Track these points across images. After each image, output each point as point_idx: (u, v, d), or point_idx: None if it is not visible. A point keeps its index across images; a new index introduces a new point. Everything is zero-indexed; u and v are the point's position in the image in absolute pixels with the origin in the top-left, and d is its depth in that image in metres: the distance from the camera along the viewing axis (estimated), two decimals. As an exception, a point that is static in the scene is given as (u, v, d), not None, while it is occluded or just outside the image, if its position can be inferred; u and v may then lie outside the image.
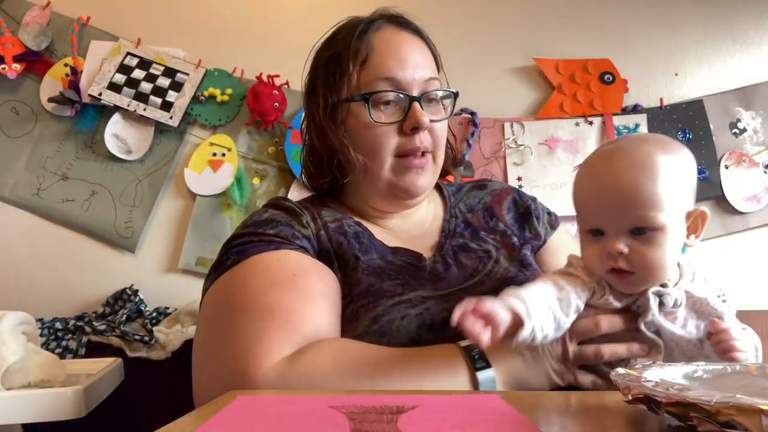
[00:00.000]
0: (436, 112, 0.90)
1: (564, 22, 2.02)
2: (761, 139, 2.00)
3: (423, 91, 0.88)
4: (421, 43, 0.92)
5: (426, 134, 0.88)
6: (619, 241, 0.67)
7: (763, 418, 0.34)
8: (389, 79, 0.87)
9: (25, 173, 1.84)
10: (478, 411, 0.47)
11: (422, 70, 0.88)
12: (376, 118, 0.87)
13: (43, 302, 1.75)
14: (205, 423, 0.43)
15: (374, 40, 0.89)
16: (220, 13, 1.95)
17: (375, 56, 0.88)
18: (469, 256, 0.89)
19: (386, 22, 0.92)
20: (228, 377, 0.67)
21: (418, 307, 0.77)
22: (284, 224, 0.84)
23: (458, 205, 0.99)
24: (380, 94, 0.87)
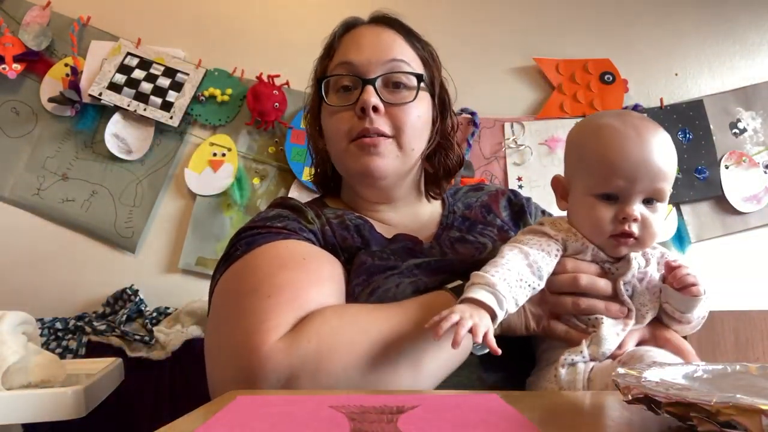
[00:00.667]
0: (399, 96, 0.87)
1: (564, 22, 2.02)
2: (761, 139, 2.00)
3: (385, 72, 0.86)
4: (392, 33, 0.90)
5: (383, 118, 0.85)
6: (636, 208, 0.73)
7: (763, 418, 0.34)
8: (344, 63, 0.87)
9: (25, 173, 1.84)
10: (478, 411, 0.47)
11: (383, 50, 0.87)
12: (333, 102, 0.88)
13: (43, 302, 1.75)
14: (205, 423, 0.43)
15: (345, 36, 0.92)
16: (220, 13, 1.95)
17: (339, 47, 0.91)
18: (465, 246, 0.90)
19: (365, 22, 0.93)
20: (239, 356, 0.67)
21: (411, 277, 0.79)
22: (291, 219, 0.85)
23: (456, 204, 1.01)
24: (334, 78, 0.89)
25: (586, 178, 0.76)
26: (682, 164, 1.97)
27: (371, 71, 0.86)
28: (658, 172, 0.73)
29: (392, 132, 0.86)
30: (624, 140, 0.73)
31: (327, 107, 0.90)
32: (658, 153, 0.73)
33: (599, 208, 0.74)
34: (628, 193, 0.73)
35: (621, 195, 0.73)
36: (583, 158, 0.77)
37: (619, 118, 0.76)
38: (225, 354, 0.71)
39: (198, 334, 1.65)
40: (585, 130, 0.79)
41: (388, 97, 0.86)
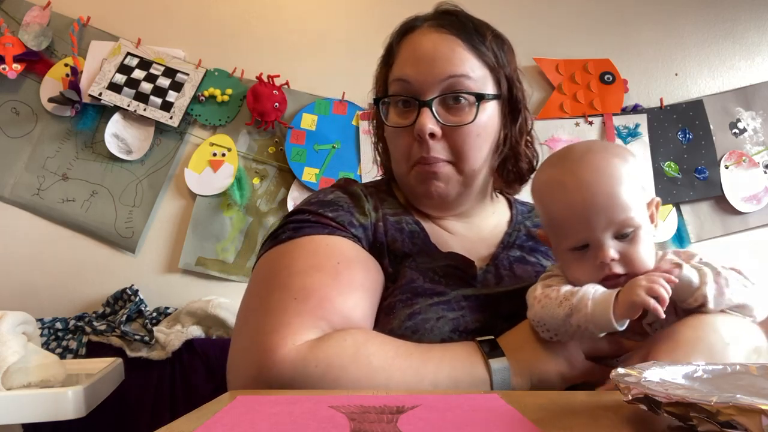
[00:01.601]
0: (459, 115, 0.82)
1: (564, 22, 2.02)
2: (761, 139, 2.00)
3: (442, 91, 0.82)
4: (451, 39, 0.83)
5: (440, 142, 0.82)
6: (609, 249, 0.69)
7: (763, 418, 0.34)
8: (401, 79, 0.83)
9: (25, 173, 1.84)
10: (478, 411, 0.47)
11: (440, 67, 0.81)
12: (393, 122, 0.85)
13: (43, 302, 1.75)
14: (205, 423, 0.43)
15: (401, 43, 0.86)
16: (220, 13, 1.95)
17: (397, 58, 0.86)
18: (524, 268, 0.86)
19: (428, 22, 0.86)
20: (254, 352, 0.68)
21: (455, 312, 0.76)
22: (345, 210, 0.82)
23: (524, 222, 0.95)
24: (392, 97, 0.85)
25: (553, 237, 0.74)
26: (682, 164, 1.97)
27: (428, 90, 0.81)
28: (611, 207, 0.68)
29: (451, 158, 0.83)
30: (563, 192, 0.70)
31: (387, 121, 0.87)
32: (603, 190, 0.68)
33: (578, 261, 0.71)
34: (592, 238, 0.69)
35: (589, 242, 0.70)
36: (542, 218, 0.76)
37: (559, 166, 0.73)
38: (244, 342, 0.72)
39: (198, 334, 1.65)
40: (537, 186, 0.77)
41: (446, 117, 0.82)
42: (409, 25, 0.87)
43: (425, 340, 0.73)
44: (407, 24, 0.88)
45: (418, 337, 0.73)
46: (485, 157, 0.86)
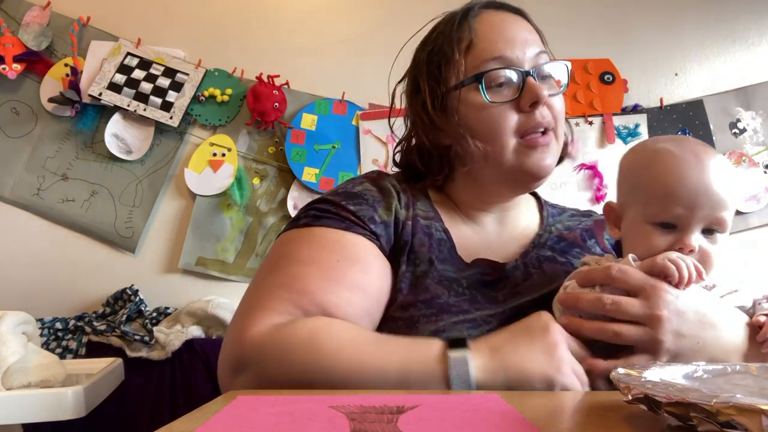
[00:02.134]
0: (550, 87, 0.86)
1: (564, 22, 2.02)
2: (761, 139, 2.00)
3: (534, 66, 0.84)
4: (522, 20, 0.89)
5: (545, 110, 0.83)
6: (694, 238, 0.69)
7: (763, 418, 0.34)
8: (498, 58, 0.83)
9: (25, 173, 1.84)
10: (478, 411, 0.47)
11: (531, 46, 0.85)
12: (491, 98, 0.83)
13: (43, 302, 1.75)
14: (205, 423, 0.43)
15: (476, 25, 0.86)
16: (220, 13, 1.95)
17: (480, 40, 0.85)
18: (554, 267, 0.85)
19: (483, 8, 0.88)
20: (231, 329, 0.72)
21: (481, 328, 0.75)
22: (368, 204, 0.81)
23: (555, 224, 0.94)
24: (491, 74, 0.82)
25: (641, 206, 0.72)
26: (682, 164, 1.97)
27: (526, 64, 0.84)
28: (719, 199, 0.68)
29: (553, 124, 0.85)
30: (683, 166, 0.70)
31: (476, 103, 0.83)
32: (720, 180, 0.69)
33: (656, 236, 0.70)
34: (686, 221, 0.69)
35: (679, 224, 0.69)
36: (638, 185, 0.74)
37: (677, 143, 0.73)
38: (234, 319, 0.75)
39: (198, 334, 1.65)
40: (640, 155, 0.76)
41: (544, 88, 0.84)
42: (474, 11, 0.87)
43: None
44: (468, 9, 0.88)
45: None
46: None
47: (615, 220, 0.77)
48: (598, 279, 0.69)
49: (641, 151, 0.77)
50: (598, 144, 1.97)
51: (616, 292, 0.67)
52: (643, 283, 0.66)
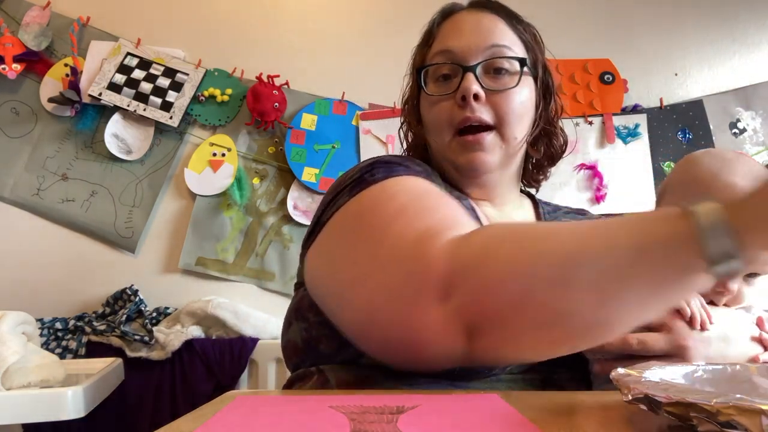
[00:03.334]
0: (500, 82, 0.82)
1: (564, 22, 2.02)
2: (761, 139, 2.00)
3: (486, 58, 0.82)
4: (492, 17, 0.86)
5: (484, 106, 0.81)
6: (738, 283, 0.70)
7: (763, 418, 0.34)
8: (444, 51, 0.84)
9: (25, 173, 1.84)
10: (478, 411, 0.47)
11: (484, 37, 0.83)
12: (432, 91, 0.84)
13: (43, 302, 1.75)
14: (205, 423, 0.43)
15: (444, 22, 0.88)
16: (220, 13, 1.95)
17: (438, 36, 0.87)
18: None
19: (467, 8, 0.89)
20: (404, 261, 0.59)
21: None
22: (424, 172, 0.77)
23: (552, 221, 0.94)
24: (434, 67, 0.84)
25: None
26: (682, 164, 1.97)
27: (471, 58, 0.82)
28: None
29: (494, 121, 0.82)
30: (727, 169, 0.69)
31: (427, 97, 0.86)
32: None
33: None
34: None
35: None
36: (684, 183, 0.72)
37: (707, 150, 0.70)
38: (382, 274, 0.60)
39: (198, 334, 1.65)
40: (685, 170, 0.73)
41: (489, 83, 0.82)
42: (448, 10, 0.89)
43: None
44: (446, 9, 0.90)
45: None
46: (525, 129, 0.85)
47: None
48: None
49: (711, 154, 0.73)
50: (598, 144, 1.97)
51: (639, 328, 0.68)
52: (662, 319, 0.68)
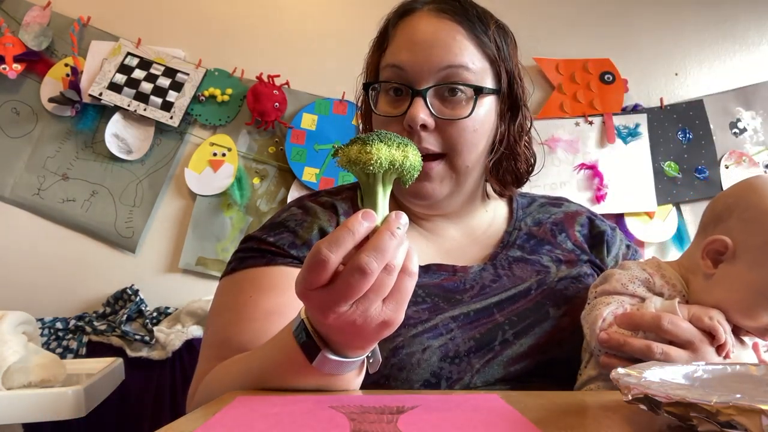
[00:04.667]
0: (455, 108, 0.76)
1: (564, 22, 2.02)
2: (761, 139, 2.00)
3: (438, 81, 0.76)
4: (452, 26, 0.78)
5: (433, 134, 0.76)
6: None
7: (763, 418, 0.34)
8: (394, 66, 0.77)
9: (25, 173, 1.84)
10: (478, 411, 0.47)
11: (438, 55, 0.75)
12: (383, 110, 0.79)
13: (43, 302, 1.75)
14: (205, 423, 0.43)
15: (398, 26, 0.80)
16: (220, 13, 1.95)
17: (392, 42, 0.80)
18: (524, 268, 0.81)
19: (428, 5, 0.80)
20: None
21: (443, 336, 0.71)
22: (290, 230, 0.79)
23: (525, 218, 0.90)
24: (384, 84, 0.79)
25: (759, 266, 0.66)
26: (682, 164, 1.97)
27: (423, 80, 0.76)
28: None
29: (443, 150, 0.77)
30: None
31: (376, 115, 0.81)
32: None
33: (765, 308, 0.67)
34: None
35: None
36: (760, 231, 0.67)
37: None
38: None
39: (198, 335, 1.65)
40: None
41: (440, 109, 0.76)
42: (407, 7, 0.81)
43: (413, 375, 0.69)
44: (405, 6, 0.82)
45: (405, 374, 0.69)
46: (480, 155, 0.80)
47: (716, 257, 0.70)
48: (646, 327, 0.66)
49: None
50: (598, 144, 1.97)
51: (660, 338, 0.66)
52: (692, 337, 0.65)
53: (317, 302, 0.50)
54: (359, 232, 0.48)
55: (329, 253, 0.47)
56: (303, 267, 0.49)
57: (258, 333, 0.69)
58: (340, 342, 0.54)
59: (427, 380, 0.69)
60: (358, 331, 0.51)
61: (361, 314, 0.49)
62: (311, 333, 0.54)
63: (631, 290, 0.72)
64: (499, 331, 0.73)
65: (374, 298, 0.49)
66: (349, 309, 0.49)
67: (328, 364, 0.54)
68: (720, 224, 0.70)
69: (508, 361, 0.72)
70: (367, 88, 0.81)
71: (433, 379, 0.69)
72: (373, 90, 0.81)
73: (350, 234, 0.48)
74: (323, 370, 0.54)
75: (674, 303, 0.68)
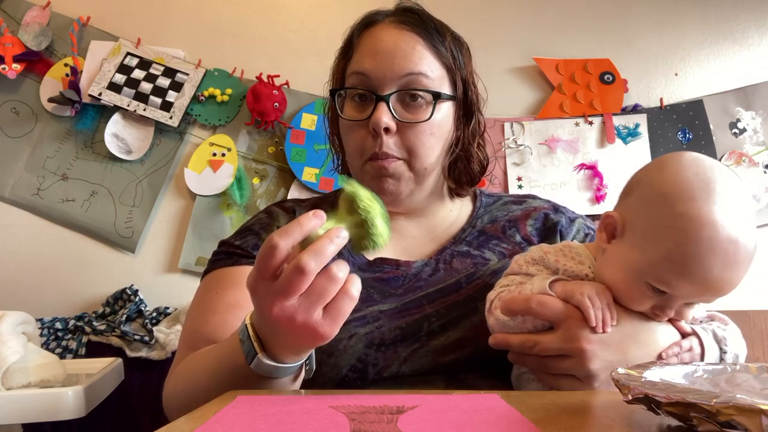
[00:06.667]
0: (415, 113, 0.82)
1: (564, 22, 2.02)
2: (761, 139, 2.00)
3: (400, 87, 0.81)
4: (412, 37, 0.83)
5: (394, 137, 0.81)
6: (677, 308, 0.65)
7: (763, 418, 0.34)
8: (359, 73, 0.83)
9: (25, 173, 1.84)
10: (478, 411, 0.47)
11: (399, 64, 0.81)
12: (349, 115, 0.84)
13: (43, 302, 1.75)
14: (205, 423, 0.43)
15: (362, 37, 0.86)
16: (220, 13, 1.95)
17: (357, 51, 0.86)
18: (463, 261, 0.85)
19: (390, 18, 0.86)
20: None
21: (370, 325, 0.76)
22: (254, 233, 0.87)
23: (483, 216, 0.93)
24: (349, 90, 0.84)
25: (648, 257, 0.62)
26: (682, 164, 1.97)
27: (385, 86, 0.81)
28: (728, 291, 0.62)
29: (403, 155, 0.82)
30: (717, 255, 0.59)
31: (342, 120, 0.86)
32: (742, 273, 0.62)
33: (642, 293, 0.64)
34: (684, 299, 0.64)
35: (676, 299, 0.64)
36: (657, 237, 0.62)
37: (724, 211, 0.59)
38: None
39: (198, 334, 1.65)
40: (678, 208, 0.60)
41: (402, 113, 0.82)
42: (370, 19, 0.88)
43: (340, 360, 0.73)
44: (368, 18, 0.88)
45: (333, 360, 0.73)
46: (437, 156, 0.85)
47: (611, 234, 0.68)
48: (520, 310, 0.67)
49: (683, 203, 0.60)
50: (598, 144, 1.97)
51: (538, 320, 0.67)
52: (556, 316, 0.65)
53: (264, 293, 0.55)
54: (307, 225, 0.54)
55: (278, 240, 0.53)
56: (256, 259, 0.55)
57: (220, 325, 0.77)
58: (278, 343, 0.58)
59: (353, 365, 0.74)
60: (296, 331, 0.55)
61: (302, 312, 0.54)
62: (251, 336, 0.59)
63: (525, 270, 0.72)
64: (425, 323, 0.77)
65: (316, 300, 0.54)
66: (292, 304, 0.54)
67: (263, 367, 0.59)
68: (625, 198, 0.69)
69: (436, 352, 0.75)
70: (333, 94, 0.87)
71: (359, 365, 0.74)
72: (339, 96, 0.87)
73: (298, 225, 0.54)
74: (258, 373, 0.59)
75: (545, 281, 0.67)
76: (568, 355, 0.64)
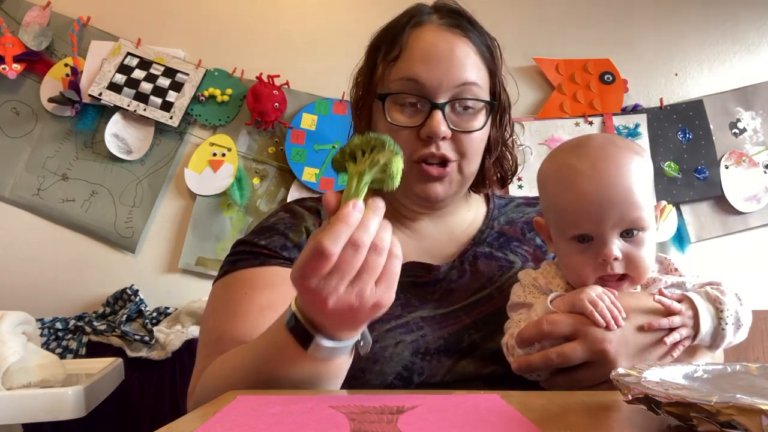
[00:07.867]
0: (467, 121, 0.83)
1: (564, 22, 2.02)
2: (761, 139, 2.00)
3: (454, 96, 0.81)
4: (465, 43, 0.83)
5: (448, 143, 0.82)
6: (613, 246, 0.66)
7: (763, 418, 0.34)
8: (412, 80, 0.81)
9: (25, 173, 1.84)
10: (478, 411, 0.47)
11: (455, 73, 0.81)
12: (394, 120, 0.83)
13: (43, 302, 1.75)
14: (205, 423, 0.43)
15: (410, 37, 0.84)
16: (220, 13, 1.95)
17: (405, 54, 0.83)
18: (488, 263, 0.85)
19: (434, 17, 0.85)
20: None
21: (414, 333, 0.76)
22: (280, 233, 0.84)
23: (499, 217, 0.94)
24: (398, 96, 0.83)
25: (555, 225, 0.71)
26: (682, 164, 1.97)
27: (441, 94, 0.81)
28: (626, 203, 0.66)
29: (456, 157, 0.83)
30: (580, 179, 0.67)
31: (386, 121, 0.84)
32: (621, 184, 0.66)
33: (575, 252, 0.69)
34: (599, 232, 0.67)
35: (594, 235, 0.67)
36: (548, 202, 0.73)
37: (576, 152, 0.70)
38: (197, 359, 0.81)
39: (198, 335, 1.65)
40: (546, 171, 0.74)
41: (455, 121, 0.82)
42: (417, 20, 0.85)
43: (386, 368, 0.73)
44: (414, 17, 0.86)
45: (379, 366, 0.73)
46: (479, 159, 0.87)
47: (546, 234, 0.75)
48: (533, 336, 0.67)
49: (547, 166, 0.74)
50: (598, 144, 1.97)
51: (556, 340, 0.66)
52: (571, 327, 0.66)
53: (317, 289, 0.53)
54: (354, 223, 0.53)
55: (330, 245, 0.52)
56: (302, 258, 0.53)
57: (252, 327, 0.72)
58: (334, 326, 0.57)
59: (399, 373, 0.73)
60: (354, 314, 0.55)
61: (357, 295, 0.54)
62: (303, 322, 0.57)
63: (524, 299, 0.73)
64: (465, 334, 0.78)
65: (368, 279, 0.54)
66: (346, 291, 0.53)
67: (321, 350, 0.58)
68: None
69: (477, 363, 0.75)
70: (383, 100, 0.84)
71: (405, 373, 0.73)
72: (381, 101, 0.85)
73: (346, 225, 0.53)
74: (317, 356, 0.58)
75: (546, 302, 0.68)
76: (594, 360, 0.65)
